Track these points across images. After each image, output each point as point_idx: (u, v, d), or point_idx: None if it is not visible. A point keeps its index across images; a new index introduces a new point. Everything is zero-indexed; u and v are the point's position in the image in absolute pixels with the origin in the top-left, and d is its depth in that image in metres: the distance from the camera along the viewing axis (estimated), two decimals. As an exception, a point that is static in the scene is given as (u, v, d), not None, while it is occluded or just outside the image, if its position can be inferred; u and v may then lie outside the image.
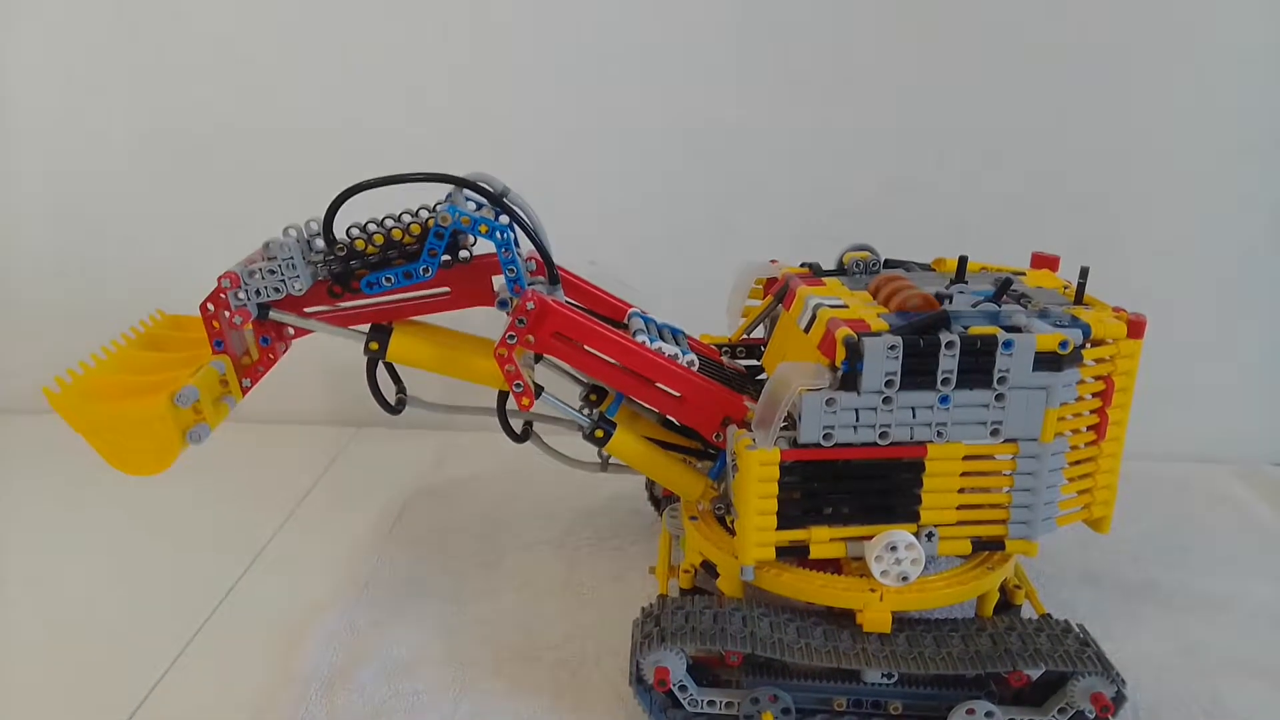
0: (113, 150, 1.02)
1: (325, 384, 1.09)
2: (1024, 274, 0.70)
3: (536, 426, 0.72)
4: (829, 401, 0.56)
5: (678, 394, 0.65)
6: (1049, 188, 0.94)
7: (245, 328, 0.65)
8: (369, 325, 0.67)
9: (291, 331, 0.67)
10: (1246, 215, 0.94)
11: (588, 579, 0.79)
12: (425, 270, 0.63)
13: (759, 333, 0.76)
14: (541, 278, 0.67)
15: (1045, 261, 0.71)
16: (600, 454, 0.71)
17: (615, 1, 0.94)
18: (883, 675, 0.60)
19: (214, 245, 0.93)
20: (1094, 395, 0.60)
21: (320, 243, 0.64)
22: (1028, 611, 0.67)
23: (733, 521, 0.62)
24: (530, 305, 0.62)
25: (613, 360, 0.64)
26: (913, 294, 0.61)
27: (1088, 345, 0.58)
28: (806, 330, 0.62)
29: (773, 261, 0.75)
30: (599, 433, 0.67)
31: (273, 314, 0.65)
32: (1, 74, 1.01)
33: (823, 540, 0.60)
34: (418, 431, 1.07)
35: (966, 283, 0.66)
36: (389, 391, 0.72)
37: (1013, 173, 0.94)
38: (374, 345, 0.66)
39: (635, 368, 0.64)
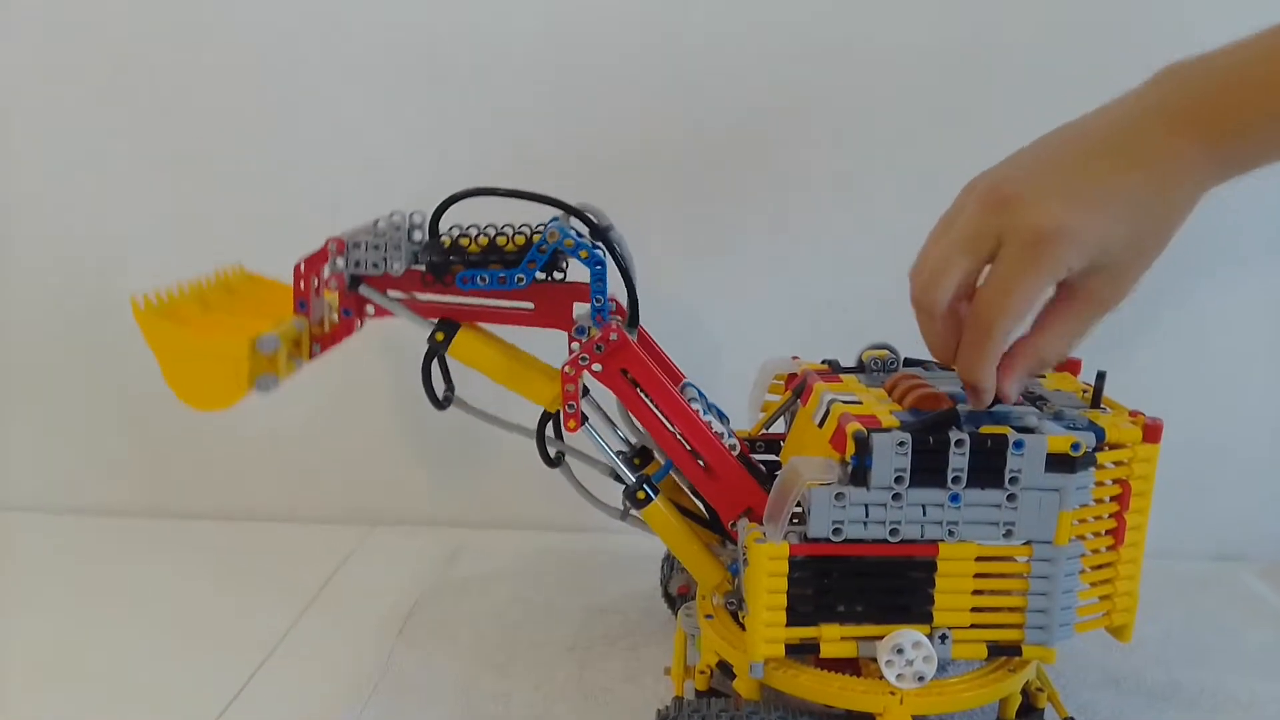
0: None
1: (339, 481, 1.10)
2: (1043, 377, 0.70)
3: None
4: (838, 496, 0.56)
5: (713, 470, 0.66)
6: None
7: (334, 295, 0.68)
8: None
9: (371, 310, 0.70)
10: (1265, 307, 0.95)
11: (601, 680, 0.77)
12: (520, 279, 0.65)
13: (779, 429, 0.76)
14: (621, 318, 0.69)
15: (1065, 365, 0.71)
16: (623, 503, 0.71)
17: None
18: (903, 782, 0.59)
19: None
20: (1111, 499, 0.60)
21: (419, 234, 0.67)
22: (1050, 715, 0.66)
23: (744, 618, 0.62)
24: (613, 336, 0.64)
25: (664, 417, 0.66)
26: (925, 392, 0.61)
27: (1104, 448, 0.58)
28: (820, 425, 0.62)
29: (794, 358, 0.76)
30: (640, 494, 0.68)
31: (362, 288, 0.67)
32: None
33: (833, 638, 0.59)
34: (431, 529, 1.07)
35: None
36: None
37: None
38: (440, 336, 0.68)
39: (682, 430, 0.66)
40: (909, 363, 0.72)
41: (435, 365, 0.72)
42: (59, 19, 0.99)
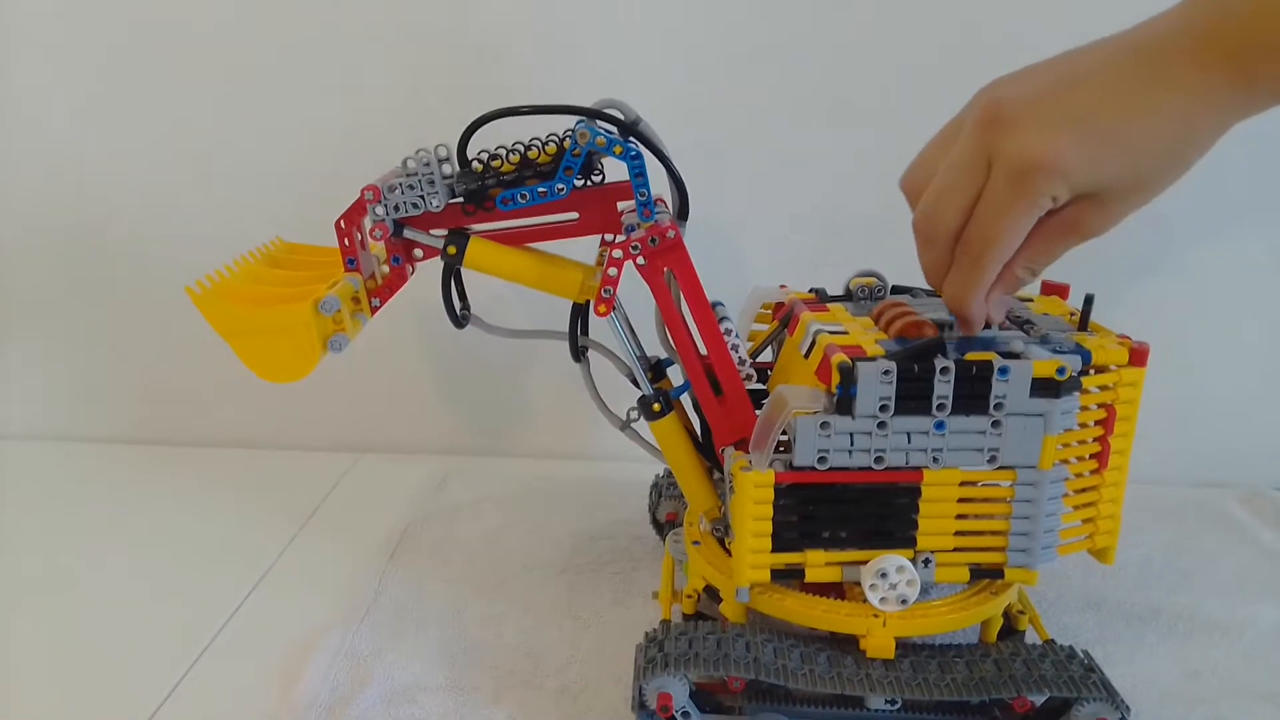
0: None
1: (330, 410, 1.10)
2: (1031, 301, 0.70)
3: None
4: (823, 425, 0.56)
5: (724, 392, 0.66)
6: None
7: (379, 245, 0.67)
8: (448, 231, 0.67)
9: (420, 254, 0.68)
10: (1248, 234, 0.94)
11: (590, 604, 0.79)
12: (560, 189, 0.63)
13: (767, 359, 0.76)
14: (669, 211, 0.67)
15: (1054, 289, 0.71)
16: (627, 414, 0.71)
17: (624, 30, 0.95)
18: (886, 701, 0.60)
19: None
20: (1096, 423, 0.60)
21: (447, 168, 0.65)
22: (1031, 637, 0.67)
23: (731, 544, 0.62)
24: (670, 234, 0.63)
25: (694, 327, 0.65)
26: (911, 320, 0.61)
27: (1089, 372, 0.58)
28: (806, 355, 0.62)
29: (782, 287, 0.75)
30: (656, 406, 0.68)
31: (406, 232, 0.66)
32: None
33: (818, 564, 0.60)
34: (420, 456, 1.07)
35: None
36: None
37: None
38: (451, 250, 0.66)
39: (708, 345, 0.65)
40: (896, 290, 0.72)
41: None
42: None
